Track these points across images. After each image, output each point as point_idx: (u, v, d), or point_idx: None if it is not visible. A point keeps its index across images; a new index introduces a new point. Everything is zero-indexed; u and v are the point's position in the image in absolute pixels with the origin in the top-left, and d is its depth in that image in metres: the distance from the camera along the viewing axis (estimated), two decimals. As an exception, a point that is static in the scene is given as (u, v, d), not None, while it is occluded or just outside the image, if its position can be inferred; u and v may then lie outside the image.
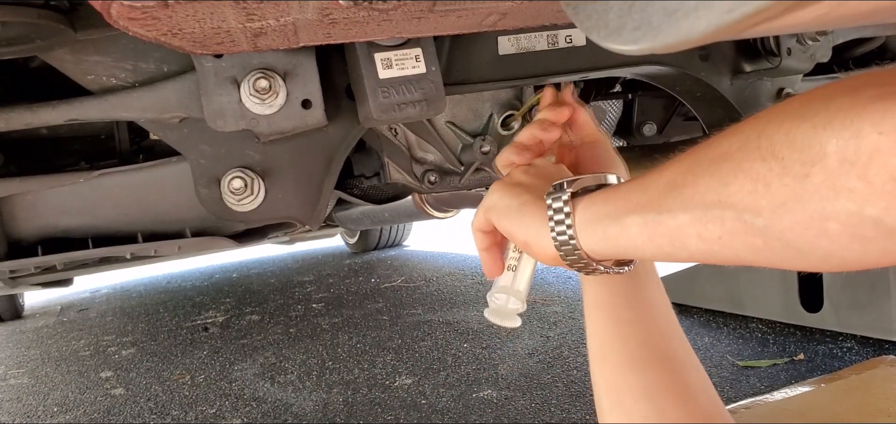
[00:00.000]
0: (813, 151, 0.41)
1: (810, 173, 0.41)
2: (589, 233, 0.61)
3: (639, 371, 0.67)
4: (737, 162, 0.47)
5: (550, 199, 0.64)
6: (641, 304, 0.70)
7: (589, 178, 0.65)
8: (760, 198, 0.45)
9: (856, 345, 2.18)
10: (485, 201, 0.73)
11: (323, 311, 3.61)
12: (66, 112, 0.89)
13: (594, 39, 0.44)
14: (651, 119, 1.65)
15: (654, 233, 0.54)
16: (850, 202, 0.40)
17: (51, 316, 4.52)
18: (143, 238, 1.01)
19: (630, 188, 0.58)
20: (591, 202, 0.61)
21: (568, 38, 1.09)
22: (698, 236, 0.50)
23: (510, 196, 0.70)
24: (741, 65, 1.22)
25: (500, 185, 0.73)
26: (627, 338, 0.69)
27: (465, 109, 1.29)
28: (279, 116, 0.89)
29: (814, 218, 0.42)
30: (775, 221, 0.44)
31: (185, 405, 2.40)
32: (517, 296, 0.77)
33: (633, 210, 0.56)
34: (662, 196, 0.53)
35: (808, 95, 0.44)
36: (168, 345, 3.28)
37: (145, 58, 0.91)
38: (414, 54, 0.92)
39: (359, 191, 1.70)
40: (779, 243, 0.45)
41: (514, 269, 0.77)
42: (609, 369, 0.69)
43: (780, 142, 0.43)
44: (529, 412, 1.96)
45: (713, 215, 0.48)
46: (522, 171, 0.75)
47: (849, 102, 0.40)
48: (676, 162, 0.54)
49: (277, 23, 0.70)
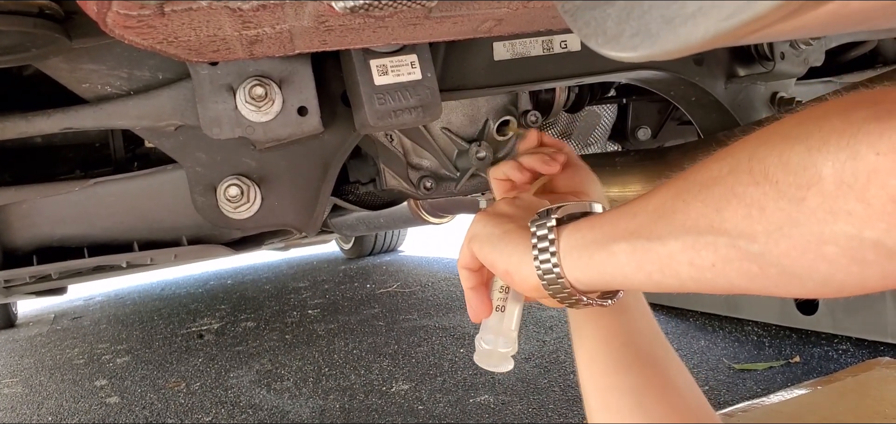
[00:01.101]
0: (808, 174, 0.40)
1: (806, 197, 0.40)
2: (574, 261, 0.59)
3: (623, 372, 0.67)
4: (729, 186, 0.46)
5: (535, 226, 0.62)
6: (623, 308, 0.70)
7: (574, 205, 0.63)
8: (755, 223, 0.44)
9: (851, 347, 2.18)
10: (468, 231, 0.71)
11: (319, 317, 3.60)
12: (61, 121, 0.89)
13: (592, 46, 0.44)
14: (646, 124, 1.66)
15: (644, 260, 0.52)
16: (849, 225, 0.39)
17: (44, 325, 4.50)
18: (140, 246, 1.01)
19: (618, 215, 0.57)
20: (577, 229, 0.59)
21: (563, 44, 1.10)
22: (690, 264, 0.49)
23: (493, 225, 0.68)
24: (735, 69, 1.22)
25: (483, 215, 0.71)
26: (611, 341, 0.70)
27: (461, 115, 1.29)
28: (275, 123, 0.89)
29: (811, 242, 0.41)
30: (771, 246, 0.43)
31: (180, 413, 2.39)
32: (507, 337, 0.72)
33: (621, 237, 0.54)
34: (652, 223, 0.52)
35: (799, 116, 0.43)
36: (163, 353, 3.27)
37: (140, 66, 0.91)
38: (409, 61, 0.92)
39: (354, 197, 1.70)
40: (775, 268, 0.44)
41: (502, 309, 0.73)
42: (596, 372, 0.69)
43: (774, 165, 0.43)
44: (526, 416, 1.96)
45: (706, 241, 0.47)
46: (507, 202, 0.73)
47: (842, 122, 0.39)
48: (665, 187, 0.52)
49: (273, 30, 0.70)
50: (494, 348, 0.72)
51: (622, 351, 0.68)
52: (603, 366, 0.69)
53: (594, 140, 1.69)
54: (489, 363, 0.73)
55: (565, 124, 1.64)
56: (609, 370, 0.68)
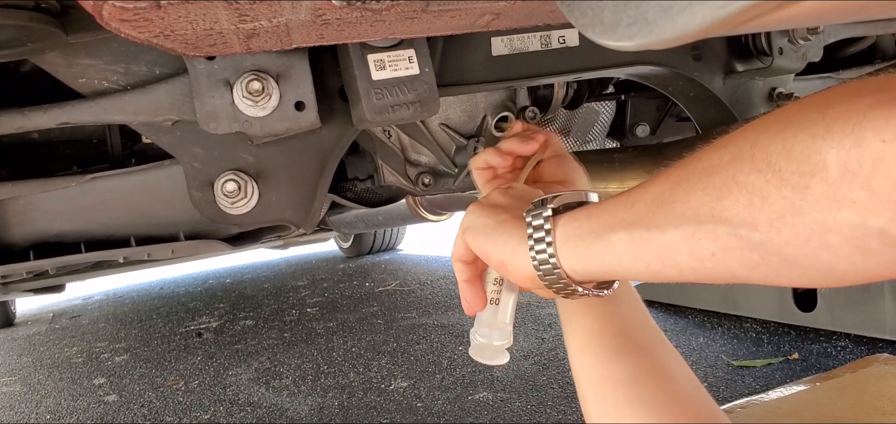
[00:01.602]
0: (812, 162, 0.40)
1: (810, 184, 0.40)
2: (570, 251, 0.58)
3: (618, 360, 0.67)
4: (730, 175, 0.45)
5: (530, 216, 0.61)
6: (614, 297, 0.69)
7: (570, 194, 0.63)
8: (757, 211, 0.43)
9: (850, 344, 2.18)
10: (462, 222, 0.70)
11: (317, 315, 3.60)
12: (57, 116, 0.89)
13: (590, 36, 0.44)
14: (644, 120, 1.65)
15: (642, 250, 0.52)
16: (853, 213, 0.39)
17: (43, 323, 4.50)
18: (136, 242, 1.00)
19: (615, 204, 0.56)
20: (573, 219, 0.59)
21: (561, 39, 1.09)
22: (690, 253, 0.48)
23: (487, 215, 0.67)
24: (733, 64, 1.22)
25: (476, 205, 0.70)
26: (603, 330, 0.69)
27: (459, 110, 1.29)
28: (272, 118, 0.89)
29: (814, 231, 0.41)
30: (773, 234, 0.43)
31: (178, 411, 2.39)
32: (502, 330, 0.72)
33: (618, 227, 0.54)
34: (651, 212, 0.51)
35: (801, 104, 0.43)
36: (161, 351, 3.27)
37: (137, 60, 0.90)
38: (407, 55, 0.92)
39: (352, 194, 1.70)
40: (777, 257, 0.44)
41: (496, 302, 0.72)
42: (589, 361, 0.69)
43: (777, 152, 0.42)
44: (525, 413, 1.96)
45: (706, 230, 0.47)
46: (500, 192, 0.72)
47: (846, 110, 0.39)
48: (663, 177, 0.52)
49: (270, 24, 0.70)
50: (489, 341, 0.72)
51: (615, 340, 0.68)
52: (596, 355, 0.68)
53: (593, 137, 1.69)
54: (484, 357, 0.72)
55: (564, 121, 1.64)
56: (603, 358, 0.67)
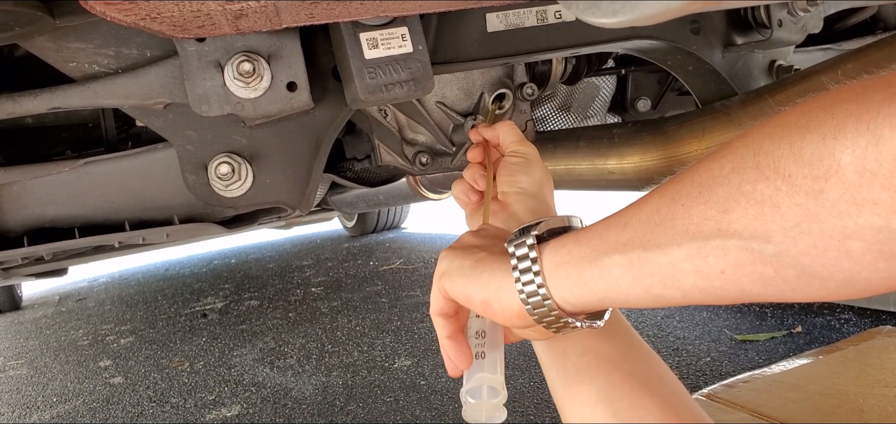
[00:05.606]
0: (825, 164, 0.37)
1: (825, 189, 0.37)
2: (561, 280, 0.53)
3: (588, 382, 0.64)
4: (734, 185, 0.42)
5: (512, 246, 0.56)
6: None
7: (554, 219, 0.58)
8: (769, 221, 0.40)
9: (853, 317, 2.18)
10: (436, 271, 0.65)
11: (322, 295, 3.61)
12: (48, 100, 0.88)
13: (573, 13, 0.43)
14: (645, 95, 1.64)
15: (642, 273, 0.48)
16: (875, 216, 0.36)
17: (49, 306, 4.53)
18: (131, 226, 1.00)
19: (606, 226, 0.52)
20: (561, 245, 0.54)
21: (557, 14, 1.08)
22: (696, 272, 0.45)
23: (462, 257, 0.62)
24: (732, 37, 1.20)
25: (448, 251, 0.65)
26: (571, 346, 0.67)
27: (456, 88, 1.28)
28: (264, 99, 0.88)
29: (833, 238, 0.38)
30: (789, 245, 0.40)
31: (184, 392, 2.40)
32: (494, 384, 0.65)
33: (612, 249, 0.50)
34: (648, 231, 0.48)
35: (804, 105, 0.40)
36: (167, 332, 3.29)
37: (127, 44, 0.89)
38: (400, 33, 0.90)
39: (352, 174, 1.69)
40: (793, 270, 0.41)
41: (482, 356, 0.66)
42: (561, 380, 0.68)
43: (785, 157, 0.39)
44: (528, 390, 1.97)
45: (713, 245, 0.43)
46: (470, 234, 0.68)
47: (857, 107, 0.36)
48: (657, 193, 0.48)
49: (258, 4, 0.69)
50: (483, 400, 0.66)
51: (586, 357, 0.65)
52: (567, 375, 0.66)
53: (594, 112, 1.67)
54: (480, 419, 0.66)
55: (563, 96, 1.63)
56: (576, 380, 0.65)
